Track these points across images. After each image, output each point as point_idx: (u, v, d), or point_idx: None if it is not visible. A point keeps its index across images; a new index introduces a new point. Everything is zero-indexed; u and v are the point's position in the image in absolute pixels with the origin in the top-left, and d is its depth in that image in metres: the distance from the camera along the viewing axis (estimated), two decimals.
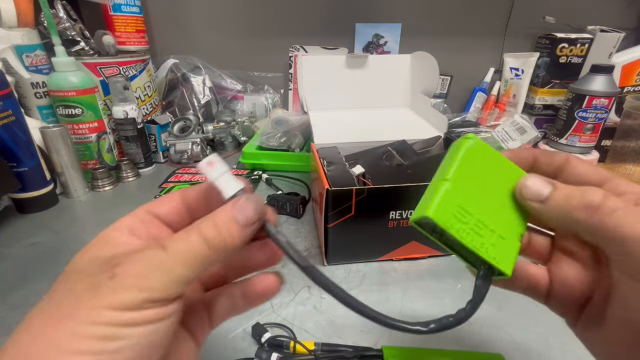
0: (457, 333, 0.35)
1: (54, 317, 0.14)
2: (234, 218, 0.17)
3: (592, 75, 0.69)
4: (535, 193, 0.18)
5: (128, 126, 0.67)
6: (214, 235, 0.17)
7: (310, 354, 0.32)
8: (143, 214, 0.20)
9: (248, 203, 0.18)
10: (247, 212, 0.18)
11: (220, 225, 0.17)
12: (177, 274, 0.16)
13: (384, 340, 0.34)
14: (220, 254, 0.17)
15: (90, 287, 0.15)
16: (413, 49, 0.80)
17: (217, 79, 0.92)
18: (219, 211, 0.18)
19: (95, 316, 0.14)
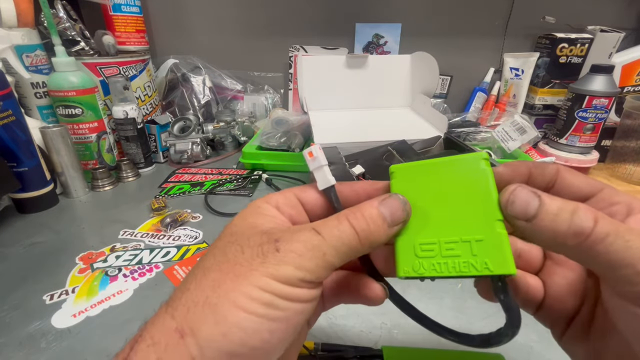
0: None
1: (230, 274, 0.16)
2: (381, 215, 0.18)
3: (592, 75, 0.69)
4: (522, 210, 0.16)
5: (128, 126, 0.68)
6: (363, 228, 0.17)
7: (310, 353, 0.32)
8: (291, 196, 0.21)
9: (397, 202, 0.18)
10: (395, 211, 0.18)
11: (368, 219, 0.17)
12: (328, 259, 0.16)
13: (384, 341, 0.34)
14: (366, 247, 0.17)
15: (259, 253, 0.16)
16: (413, 49, 0.80)
17: (217, 79, 0.92)
18: (365, 205, 0.18)
19: (264, 283, 0.15)
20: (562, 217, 0.15)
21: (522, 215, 0.16)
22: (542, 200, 0.16)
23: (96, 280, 0.42)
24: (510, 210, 0.17)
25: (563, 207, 0.16)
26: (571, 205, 0.16)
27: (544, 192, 0.16)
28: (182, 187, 0.65)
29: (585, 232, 0.15)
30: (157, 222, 0.53)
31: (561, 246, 0.16)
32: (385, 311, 0.37)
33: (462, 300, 0.39)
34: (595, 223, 0.15)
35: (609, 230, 0.14)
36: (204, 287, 0.16)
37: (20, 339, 0.34)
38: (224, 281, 0.16)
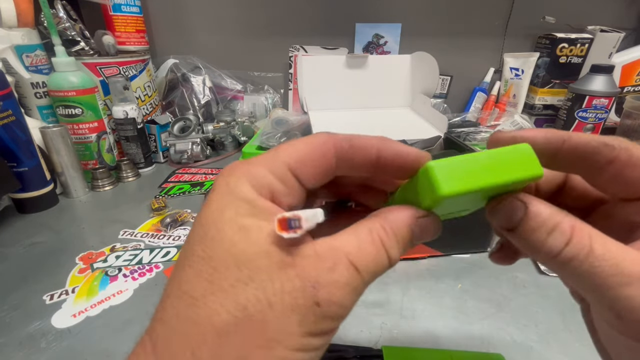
0: (457, 333, 0.35)
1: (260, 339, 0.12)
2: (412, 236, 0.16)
3: (592, 75, 0.69)
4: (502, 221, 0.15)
5: (128, 126, 0.68)
6: (397, 254, 0.15)
7: None
8: (284, 171, 0.15)
9: (432, 225, 0.16)
10: (426, 235, 0.16)
11: (401, 242, 0.15)
12: (360, 294, 0.15)
13: (384, 341, 0.34)
14: (392, 266, 0.16)
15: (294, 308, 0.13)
16: (413, 49, 0.80)
17: (217, 79, 0.92)
18: (398, 221, 0.16)
19: (303, 343, 0.13)
20: (538, 235, 0.14)
21: (504, 225, 0.15)
22: (528, 213, 0.15)
23: (96, 280, 0.42)
24: (490, 219, 0.16)
25: (544, 223, 0.14)
26: (554, 220, 0.14)
27: (536, 201, 0.15)
28: (182, 187, 0.65)
29: (553, 253, 0.14)
30: (157, 222, 0.53)
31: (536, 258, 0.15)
32: (385, 311, 0.37)
33: (462, 301, 0.39)
34: (567, 245, 0.14)
35: (578, 253, 0.14)
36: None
37: (20, 339, 0.34)
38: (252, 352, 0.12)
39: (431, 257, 0.46)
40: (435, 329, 0.35)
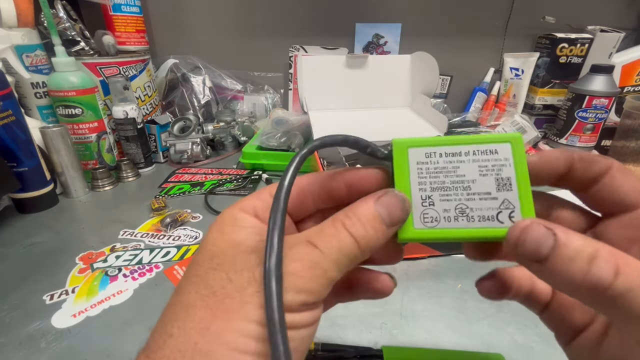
0: (457, 333, 0.35)
1: (220, 311, 0.14)
2: (379, 216, 0.16)
3: (592, 75, 0.69)
4: (532, 251, 0.14)
5: (128, 126, 0.67)
6: (362, 234, 0.15)
7: (310, 354, 0.32)
8: (267, 196, 0.18)
9: (394, 199, 0.16)
10: (394, 211, 0.16)
11: (366, 223, 0.16)
12: (329, 276, 0.15)
13: (384, 340, 0.34)
14: (366, 254, 0.16)
15: (251, 280, 0.14)
16: (413, 49, 0.80)
17: (217, 79, 0.92)
18: (360, 205, 0.16)
19: (260, 316, 0.14)
20: (578, 264, 0.13)
21: (533, 256, 0.14)
22: (558, 240, 0.14)
23: (96, 280, 0.42)
24: (520, 250, 0.15)
25: (580, 251, 0.13)
26: (590, 247, 0.13)
27: (561, 228, 0.14)
28: (182, 187, 0.65)
29: (603, 285, 0.13)
30: (157, 222, 0.53)
31: (575, 294, 0.14)
32: (385, 311, 0.37)
33: (462, 301, 0.39)
34: (617, 275, 0.12)
35: (632, 284, 0.12)
36: (190, 331, 0.14)
37: (20, 339, 0.34)
38: (213, 321, 0.14)
39: (431, 257, 0.46)
40: (435, 329, 0.35)
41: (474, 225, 0.17)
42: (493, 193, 0.17)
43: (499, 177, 0.17)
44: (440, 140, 0.18)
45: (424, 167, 0.18)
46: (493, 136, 0.17)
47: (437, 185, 0.17)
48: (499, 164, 0.17)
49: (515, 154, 0.17)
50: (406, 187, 0.18)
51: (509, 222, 0.16)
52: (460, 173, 0.17)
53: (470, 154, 0.17)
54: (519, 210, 0.16)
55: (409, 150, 0.18)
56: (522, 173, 0.17)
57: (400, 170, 0.18)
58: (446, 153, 0.18)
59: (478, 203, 0.17)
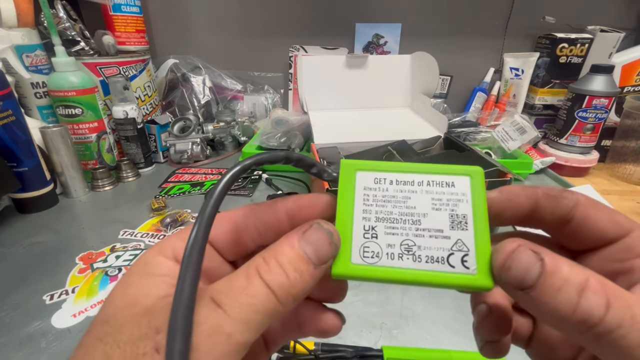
0: (457, 333, 0.35)
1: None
2: (303, 256, 0.14)
3: (592, 75, 0.69)
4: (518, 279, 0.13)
5: (128, 126, 0.68)
6: (281, 282, 0.13)
7: (310, 354, 0.32)
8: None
9: (320, 233, 0.14)
10: (320, 247, 0.14)
11: (287, 266, 0.13)
12: (237, 340, 0.12)
13: (384, 340, 0.34)
14: (289, 305, 0.13)
15: (135, 357, 0.11)
16: (413, 49, 0.80)
17: (217, 79, 0.92)
18: (281, 245, 0.14)
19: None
20: (566, 295, 0.12)
21: (518, 285, 0.13)
22: (545, 267, 0.12)
23: (96, 280, 0.42)
24: (504, 277, 0.13)
25: (568, 280, 0.12)
26: (579, 276, 0.12)
27: (549, 252, 0.13)
28: (182, 187, 0.65)
29: (592, 320, 0.12)
30: (157, 222, 0.53)
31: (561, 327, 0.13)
32: (385, 311, 0.37)
33: (462, 300, 0.39)
34: (607, 309, 0.11)
35: (623, 320, 0.11)
36: None
37: (20, 339, 0.34)
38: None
39: None
40: (435, 329, 0.35)
41: (421, 267, 0.15)
42: (446, 231, 0.15)
43: (454, 213, 0.15)
44: (392, 166, 0.16)
45: (371, 193, 0.16)
46: (451, 167, 0.16)
47: (383, 216, 0.16)
48: (454, 199, 0.15)
49: (474, 189, 0.15)
50: (348, 215, 0.16)
51: (460, 267, 0.15)
52: (411, 204, 0.16)
53: (424, 184, 0.16)
54: (473, 254, 0.15)
55: (357, 173, 0.16)
56: (480, 211, 0.15)
57: (344, 195, 0.16)
58: (397, 180, 0.16)
59: (428, 241, 0.15)
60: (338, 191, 0.16)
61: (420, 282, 0.15)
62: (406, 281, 0.15)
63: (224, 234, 0.16)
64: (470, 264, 0.15)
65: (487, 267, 0.14)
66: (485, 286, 0.14)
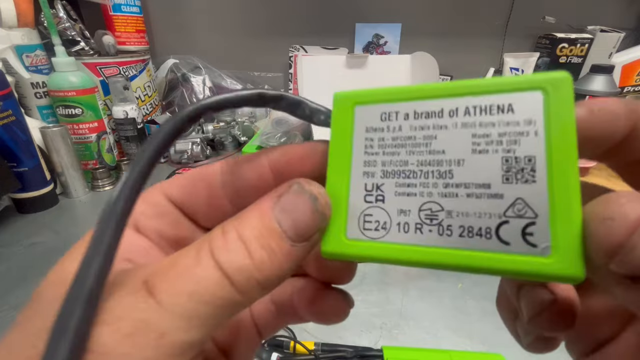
0: (457, 333, 0.35)
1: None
2: (275, 228, 0.10)
3: (592, 75, 0.69)
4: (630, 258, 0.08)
5: (128, 126, 0.68)
6: (240, 264, 0.09)
7: (310, 354, 0.32)
8: (158, 197, 0.13)
9: (302, 198, 0.10)
10: (299, 217, 0.10)
11: (251, 242, 0.10)
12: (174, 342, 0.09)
13: (384, 341, 0.34)
14: (254, 294, 0.10)
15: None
16: (413, 49, 0.80)
17: (217, 79, 0.92)
18: (249, 213, 0.11)
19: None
20: None
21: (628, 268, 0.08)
22: None
23: None
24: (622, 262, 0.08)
25: None
26: None
27: None
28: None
29: None
30: None
31: None
32: (385, 311, 0.37)
33: (462, 301, 0.39)
34: None
35: None
36: None
37: None
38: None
39: None
40: (435, 329, 0.35)
41: (451, 244, 0.10)
42: (496, 185, 0.10)
43: (511, 156, 0.10)
44: (408, 91, 0.11)
45: (376, 136, 0.11)
46: (508, 80, 0.10)
47: (394, 168, 0.11)
48: (513, 132, 0.10)
49: (553, 111, 0.09)
50: (343, 171, 0.11)
51: (520, 244, 0.09)
52: (437, 148, 0.10)
53: (459, 114, 0.10)
54: (546, 221, 0.09)
55: (355, 109, 0.12)
56: (563, 149, 0.09)
57: (338, 143, 0.12)
58: (416, 113, 0.11)
59: (464, 203, 0.10)
60: (330, 137, 0.12)
61: (449, 266, 0.10)
62: (426, 263, 0.10)
63: (194, 194, 0.13)
64: (539, 239, 0.09)
65: (574, 244, 0.09)
66: (571, 275, 0.09)
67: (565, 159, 0.09)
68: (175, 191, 0.13)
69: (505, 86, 0.10)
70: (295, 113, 0.12)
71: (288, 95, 0.12)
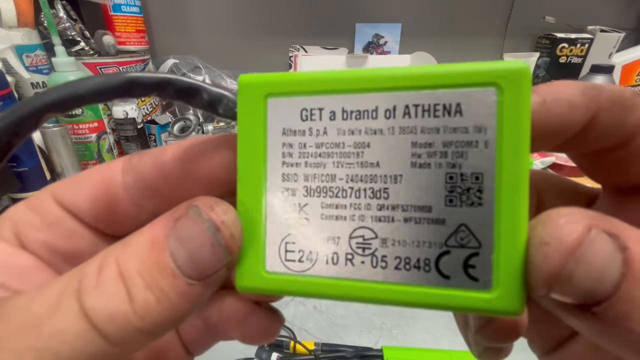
0: (457, 333, 0.35)
1: None
2: (167, 264, 0.08)
3: (592, 75, 0.69)
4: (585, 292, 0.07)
5: (128, 126, 0.68)
6: (113, 310, 0.08)
7: (310, 354, 0.32)
8: (47, 204, 0.10)
9: (198, 226, 0.08)
10: (198, 251, 0.08)
11: (135, 281, 0.08)
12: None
13: (384, 341, 0.34)
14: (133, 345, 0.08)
15: None
16: (413, 49, 0.80)
17: (217, 79, 0.91)
18: (137, 238, 0.09)
19: None
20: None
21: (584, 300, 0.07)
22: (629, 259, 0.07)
23: None
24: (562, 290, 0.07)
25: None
26: None
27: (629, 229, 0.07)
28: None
29: None
30: None
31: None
32: (385, 311, 0.37)
33: None
34: None
35: None
36: None
37: None
38: None
39: None
40: (435, 329, 0.35)
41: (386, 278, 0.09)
42: (437, 208, 0.08)
43: (456, 172, 0.08)
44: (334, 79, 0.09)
45: (296, 141, 0.09)
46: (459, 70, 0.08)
47: (319, 184, 0.09)
48: (460, 142, 0.08)
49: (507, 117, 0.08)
50: (256, 184, 0.09)
51: (460, 277, 0.08)
52: (370, 159, 0.09)
53: (398, 115, 0.08)
54: (490, 249, 0.08)
55: (268, 101, 0.09)
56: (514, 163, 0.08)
57: (248, 147, 0.09)
58: (345, 112, 0.09)
59: (400, 229, 0.08)
60: (237, 139, 0.09)
61: (385, 302, 0.09)
62: (360, 299, 0.09)
63: (93, 198, 0.10)
64: (481, 272, 0.08)
65: (515, 275, 0.08)
66: (506, 310, 0.08)
67: (517, 176, 0.08)
68: (69, 195, 0.10)
69: (455, 78, 0.08)
70: (193, 103, 0.10)
71: (175, 78, 0.09)
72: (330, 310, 0.37)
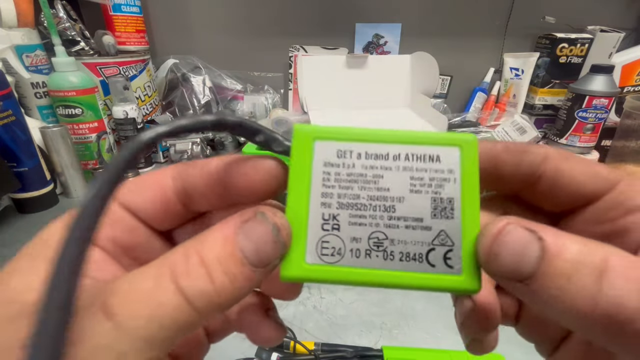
0: (457, 333, 0.35)
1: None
2: (238, 255, 0.11)
3: (592, 75, 0.69)
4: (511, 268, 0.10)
5: (128, 126, 0.68)
6: (202, 289, 0.10)
7: (310, 354, 0.32)
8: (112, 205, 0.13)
9: (264, 227, 0.11)
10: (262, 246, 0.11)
11: (214, 267, 0.10)
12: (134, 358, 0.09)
13: (384, 341, 0.34)
14: (212, 315, 0.10)
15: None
16: (413, 49, 0.80)
17: (217, 79, 0.92)
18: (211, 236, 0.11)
19: None
20: (581, 284, 0.09)
21: (512, 274, 0.10)
22: (546, 249, 0.10)
23: None
24: (493, 267, 0.11)
25: (581, 263, 0.09)
26: (595, 256, 0.09)
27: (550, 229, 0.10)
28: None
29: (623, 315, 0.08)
30: None
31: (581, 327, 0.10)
32: (385, 311, 0.37)
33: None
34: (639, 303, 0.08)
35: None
36: None
37: None
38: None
39: None
40: (435, 329, 0.35)
41: (393, 267, 0.12)
42: (426, 220, 0.12)
43: (438, 197, 0.13)
44: (361, 133, 0.13)
45: (332, 171, 0.13)
46: (437, 136, 0.13)
47: (348, 201, 0.13)
48: (439, 178, 0.13)
49: (465, 164, 0.13)
50: (303, 200, 0.13)
51: (442, 266, 0.12)
52: (384, 185, 0.13)
53: (401, 159, 0.13)
54: (459, 248, 0.12)
55: (314, 144, 0.13)
56: (470, 194, 0.12)
57: (298, 173, 0.13)
58: (367, 153, 0.13)
59: (403, 233, 0.12)
60: (290, 167, 0.13)
61: (392, 285, 0.12)
62: (374, 284, 0.12)
63: (148, 199, 0.13)
64: (455, 262, 0.12)
65: (474, 264, 0.12)
66: (468, 289, 0.12)
67: (471, 202, 0.12)
68: (128, 197, 0.13)
69: (436, 140, 0.13)
70: (254, 140, 0.13)
71: (246, 122, 0.13)
72: (330, 310, 0.37)
